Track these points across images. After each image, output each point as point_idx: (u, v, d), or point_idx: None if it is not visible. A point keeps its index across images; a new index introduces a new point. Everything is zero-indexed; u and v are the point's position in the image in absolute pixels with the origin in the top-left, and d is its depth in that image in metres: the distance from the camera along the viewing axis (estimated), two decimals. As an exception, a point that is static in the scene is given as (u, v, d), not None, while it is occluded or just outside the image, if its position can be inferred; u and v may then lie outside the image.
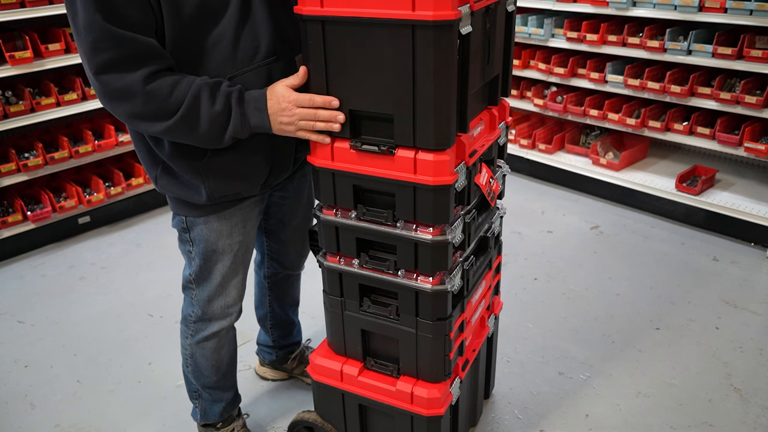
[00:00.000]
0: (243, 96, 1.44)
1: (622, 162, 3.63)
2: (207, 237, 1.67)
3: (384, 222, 1.54)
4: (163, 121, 1.40)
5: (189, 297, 1.81)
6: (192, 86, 1.39)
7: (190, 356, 1.87)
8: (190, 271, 1.75)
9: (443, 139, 1.41)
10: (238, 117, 1.43)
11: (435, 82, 1.34)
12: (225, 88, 1.43)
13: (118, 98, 1.37)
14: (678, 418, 2.17)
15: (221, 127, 1.43)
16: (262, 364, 2.40)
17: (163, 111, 1.39)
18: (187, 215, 1.66)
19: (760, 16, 2.86)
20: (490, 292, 1.99)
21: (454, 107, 1.40)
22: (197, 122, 1.41)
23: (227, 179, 1.57)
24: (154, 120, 1.40)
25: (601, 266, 3.08)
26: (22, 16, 3.04)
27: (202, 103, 1.40)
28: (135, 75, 1.34)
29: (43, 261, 3.32)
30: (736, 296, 2.81)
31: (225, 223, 1.67)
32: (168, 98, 1.38)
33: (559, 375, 2.38)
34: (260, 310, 2.24)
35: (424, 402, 1.68)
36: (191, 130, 1.42)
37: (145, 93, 1.36)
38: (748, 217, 3.15)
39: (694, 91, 3.25)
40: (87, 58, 1.34)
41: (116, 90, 1.36)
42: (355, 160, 1.51)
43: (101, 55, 1.32)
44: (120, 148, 3.58)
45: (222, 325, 1.81)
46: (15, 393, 2.39)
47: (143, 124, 1.42)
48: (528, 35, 3.81)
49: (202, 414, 2.00)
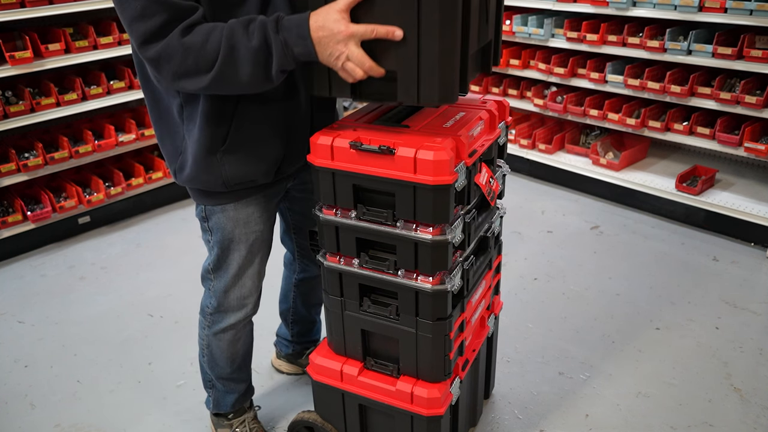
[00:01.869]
0: (281, 23, 1.35)
1: (622, 162, 3.63)
2: (224, 226, 1.70)
3: (384, 222, 1.54)
4: (207, 73, 1.35)
5: (207, 288, 1.84)
6: (225, 28, 1.34)
7: (207, 347, 1.91)
8: (209, 261, 1.79)
9: (448, 94, 1.39)
10: (280, 47, 1.34)
11: (440, 34, 1.32)
12: (260, 20, 1.35)
13: (161, 60, 1.35)
14: (678, 418, 2.17)
15: (265, 64, 1.35)
16: (279, 357, 2.42)
17: (203, 61, 1.34)
18: (206, 204, 1.69)
19: (760, 16, 2.86)
20: (490, 292, 1.99)
21: (458, 61, 1.38)
22: (239, 64, 1.34)
23: (243, 165, 1.58)
24: (198, 74, 1.35)
25: (601, 266, 3.08)
26: (22, 16, 3.04)
27: (238, 42, 1.33)
28: (173, 33, 1.32)
29: (43, 261, 3.32)
30: (736, 296, 2.81)
31: (241, 212, 1.69)
32: (204, 46, 1.33)
33: (559, 375, 2.38)
34: (284, 304, 2.26)
35: (424, 402, 1.68)
36: (236, 75, 1.35)
37: (182, 48, 1.32)
38: (748, 217, 3.15)
39: (694, 91, 3.25)
40: (135, 26, 1.33)
41: (159, 54, 1.34)
42: (354, 160, 1.51)
43: (150, 21, 1.31)
44: (120, 148, 3.58)
45: (238, 317, 1.84)
46: (15, 393, 2.39)
47: (190, 82, 1.37)
48: (528, 35, 3.81)
49: (214, 403, 2.03)
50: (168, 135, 1.63)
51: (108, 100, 3.47)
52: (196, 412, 2.24)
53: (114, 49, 3.41)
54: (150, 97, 1.61)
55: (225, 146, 1.55)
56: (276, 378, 2.42)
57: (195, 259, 3.19)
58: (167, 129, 1.62)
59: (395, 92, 1.41)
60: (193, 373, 2.43)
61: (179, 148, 1.61)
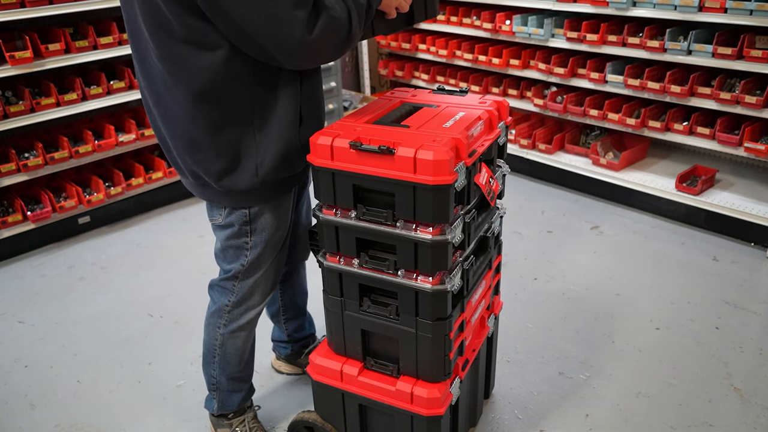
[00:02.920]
0: None
1: (622, 162, 3.63)
2: (271, 225, 1.75)
3: (384, 222, 1.54)
4: (354, 22, 1.50)
5: (227, 288, 1.84)
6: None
7: (220, 346, 1.91)
8: (239, 263, 1.79)
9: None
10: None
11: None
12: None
13: (330, 39, 1.47)
14: (678, 418, 2.17)
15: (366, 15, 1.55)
16: (278, 359, 2.44)
17: (344, 28, 1.48)
18: (252, 205, 1.71)
19: (760, 16, 2.86)
20: (490, 292, 1.99)
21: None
22: (359, 21, 1.52)
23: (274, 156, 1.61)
24: (351, 29, 1.50)
25: (601, 266, 3.08)
26: (22, 16, 3.04)
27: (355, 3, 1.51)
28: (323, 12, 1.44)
29: (43, 261, 3.32)
30: (736, 296, 2.81)
31: (283, 207, 1.77)
32: (341, 17, 1.47)
33: (559, 375, 2.38)
34: (272, 307, 2.26)
35: (424, 402, 1.68)
36: (361, 14, 1.52)
37: (333, 20, 1.45)
38: (748, 217, 3.15)
39: (694, 91, 3.25)
40: (291, 17, 1.39)
41: (325, 33, 1.45)
42: (354, 160, 1.51)
43: (302, 9, 1.39)
44: (120, 148, 3.58)
45: (257, 312, 1.89)
46: (15, 393, 2.39)
47: (352, 39, 1.53)
48: (528, 35, 3.81)
49: (219, 404, 2.04)
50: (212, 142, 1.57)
51: (108, 100, 3.47)
52: (196, 412, 2.25)
53: (114, 49, 3.41)
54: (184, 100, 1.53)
55: (301, 120, 1.63)
56: (276, 378, 2.42)
57: (195, 259, 3.21)
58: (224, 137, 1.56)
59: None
60: (193, 373, 2.44)
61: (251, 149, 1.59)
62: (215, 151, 1.58)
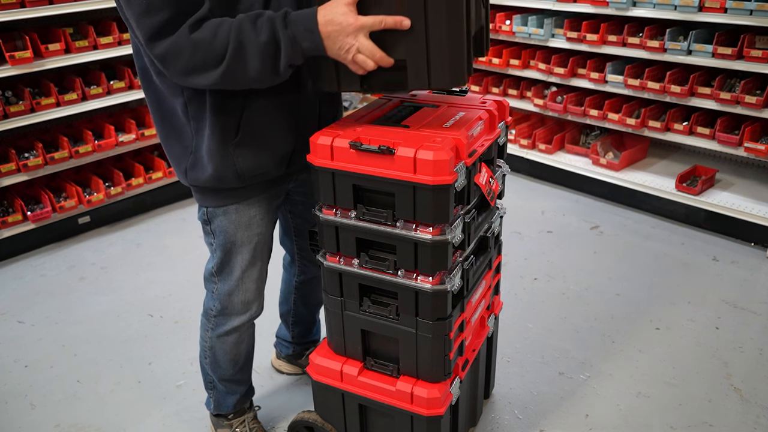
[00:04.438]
0: (289, 18, 1.36)
1: (622, 162, 3.63)
2: (226, 228, 1.70)
3: (384, 222, 1.54)
4: (216, 68, 1.36)
5: (210, 291, 1.84)
6: (233, 23, 1.35)
7: (209, 348, 1.90)
8: (212, 264, 1.78)
9: (459, 76, 1.40)
10: (289, 42, 1.35)
11: (448, 19, 1.34)
12: (267, 15, 1.36)
13: (169, 57, 1.35)
14: (678, 418, 2.17)
15: (274, 58, 1.36)
16: (279, 357, 2.43)
17: (212, 56, 1.35)
18: (209, 206, 1.69)
19: (760, 16, 2.86)
20: (490, 292, 1.99)
21: (465, 43, 1.39)
22: (247, 59, 1.35)
23: (255, 157, 1.59)
24: (206, 69, 1.36)
25: (601, 266, 3.08)
26: (22, 16, 3.04)
27: (247, 38, 1.34)
28: (181, 30, 1.33)
29: (43, 261, 3.32)
30: (736, 296, 2.81)
31: (244, 215, 1.69)
32: (213, 42, 1.34)
33: (559, 375, 2.38)
34: (284, 306, 2.26)
35: (424, 402, 1.68)
36: (245, 70, 1.37)
37: (191, 44, 1.33)
38: (748, 217, 3.15)
39: (694, 91, 3.25)
40: (141, 23, 1.33)
41: (167, 50, 1.34)
42: (354, 160, 1.51)
43: (156, 17, 1.31)
44: (120, 148, 3.58)
45: (242, 320, 1.84)
46: (15, 393, 2.39)
47: (199, 78, 1.38)
48: (528, 35, 3.81)
49: (215, 404, 2.04)
50: (174, 136, 1.62)
51: (108, 100, 3.47)
52: (196, 412, 2.25)
53: (114, 49, 3.41)
54: (153, 99, 1.61)
55: (237, 138, 1.55)
56: (276, 378, 2.42)
57: (195, 259, 3.21)
58: (173, 130, 1.61)
59: (405, 81, 1.42)
60: (193, 373, 2.44)
61: (189, 148, 1.60)
62: (167, 142, 1.64)
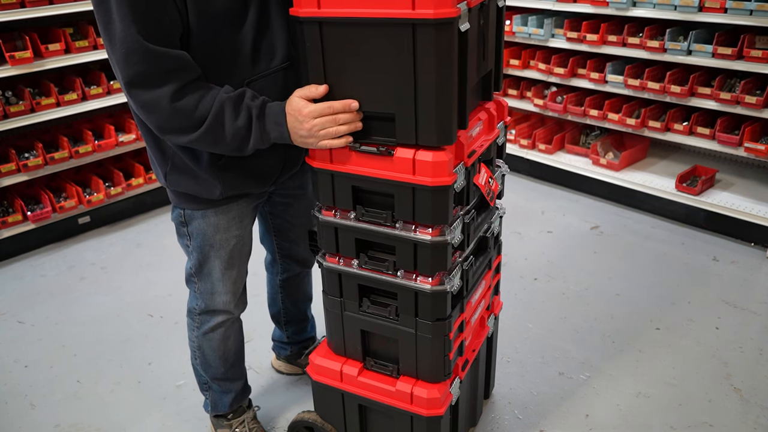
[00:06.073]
0: (264, 111, 1.47)
1: (622, 162, 3.63)
2: (204, 231, 1.70)
3: (383, 223, 1.54)
4: (189, 134, 1.44)
5: (192, 290, 1.84)
6: (215, 101, 1.43)
7: (198, 348, 1.91)
8: (190, 265, 1.78)
9: (446, 136, 1.41)
10: (258, 132, 1.47)
11: (436, 79, 1.34)
12: (248, 102, 1.46)
13: (146, 110, 1.42)
14: (678, 418, 2.17)
15: (243, 140, 1.47)
16: (278, 359, 2.43)
17: (189, 125, 1.43)
18: (186, 208, 1.69)
19: (760, 16, 2.86)
20: (489, 292, 1.99)
21: (455, 104, 1.40)
22: (221, 135, 1.45)
23: (242, 177, 1.62)
24: (181, 133, 1.45)
25: (601, 266, 3.07)
26: (22, 16, 3.04)
27: (226, 118, 1.44)
28: (163, 90, 1.38)
29: (43, 261, 3.32)
30: (736, 296, 2.81)
31: (222, 217, 1.69)
32: (193, 113, 1.42)
33: (559, 375, 2.38)
34: (273, 308, 2.26)
35: (423, 402, 1.68)
36: (216, 142, 1.47)
37: (171, 109, 1.40)
38: (748, 217, 3.15)
39: (694, 91, 3.24)
40: (119, 68, 1.38)
41: (145, 102, 1.41)
42: (353, 162, 1.51)
43: (133, 68, 1.36)
44: (120, 148, 3.58)
45: (226, 316, 1.85)
46: (15, 393, 2.40)
47: (170, 136, 1.47)
48: (528, 35, 3.81)
49: (212, 406, 2.04)
50: (156, 144, 1.62)
51: (108, 100, 3.47)
52: (196, 412, 2.25)
53: (114, 49, 3.40)
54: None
55: (222, 162, 1.58)
56: (275, 378, 2.42)
57: (195, 259, 3.21)
58: (154, 138, 1.61)
59: (394, 133, 1.45)
60: (192, 373, 2.43)
61: (168, 156, 1.61)
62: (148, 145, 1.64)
